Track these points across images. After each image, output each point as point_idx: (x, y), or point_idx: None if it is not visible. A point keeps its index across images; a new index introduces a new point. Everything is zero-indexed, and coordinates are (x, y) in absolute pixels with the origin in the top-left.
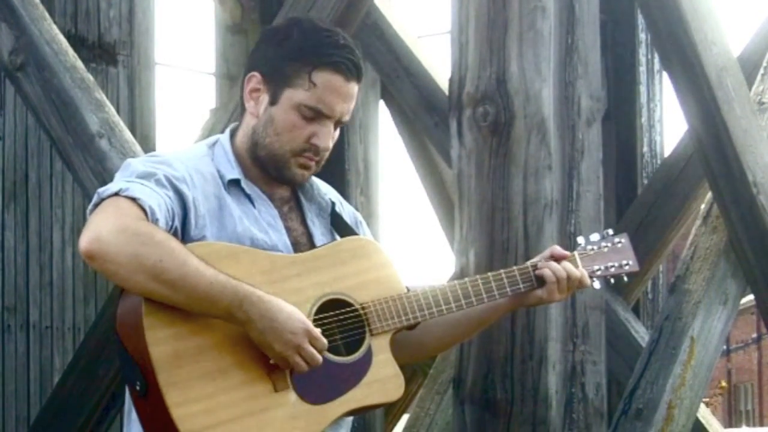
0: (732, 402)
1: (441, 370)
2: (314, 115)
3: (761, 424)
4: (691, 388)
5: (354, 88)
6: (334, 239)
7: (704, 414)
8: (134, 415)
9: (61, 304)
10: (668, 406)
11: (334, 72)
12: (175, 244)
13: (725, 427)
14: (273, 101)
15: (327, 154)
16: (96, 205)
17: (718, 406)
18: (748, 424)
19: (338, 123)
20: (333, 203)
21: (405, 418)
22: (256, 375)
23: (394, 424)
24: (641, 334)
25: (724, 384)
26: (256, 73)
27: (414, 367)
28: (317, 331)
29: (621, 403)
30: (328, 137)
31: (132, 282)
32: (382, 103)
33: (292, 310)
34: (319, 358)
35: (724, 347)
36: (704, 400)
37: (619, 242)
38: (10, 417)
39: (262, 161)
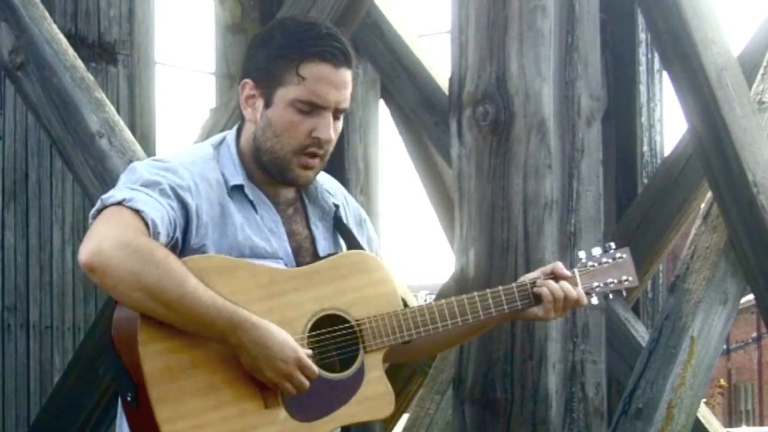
0: (732, 402)
1: (441, 370)
2: (310, 108)
3: (761, 424)
4: (691, 387)
5: (345, 74)
6: (336, 243)
7: (704, 413)
8: None
9: (61, 303)
10: (668, 406)
11: (321, 61)
12: (174, 263)
13: (725, 426)
14: (268, 104)
15: (331, 147)
16: (99, 211)
17: (717, 406)
18: (748, 424)
19: (337, 112)
20: (336, 206)
21: (405, 418)
22: (247, 392)
23: (394, 424)
24: (641, 333)
25: (723, 383)
26: (248, 80)
27: (414, 367)
28: (308, 360)
29: (621, 403)
30: (328, 128)
31: (129, 298)
32: (382, 102)
33: (285, 338)
34: (308, 384)
35: (724, 347)
36: (702, 400)
37: (621, 257)
38: (10, 416)
39: (266, 165)
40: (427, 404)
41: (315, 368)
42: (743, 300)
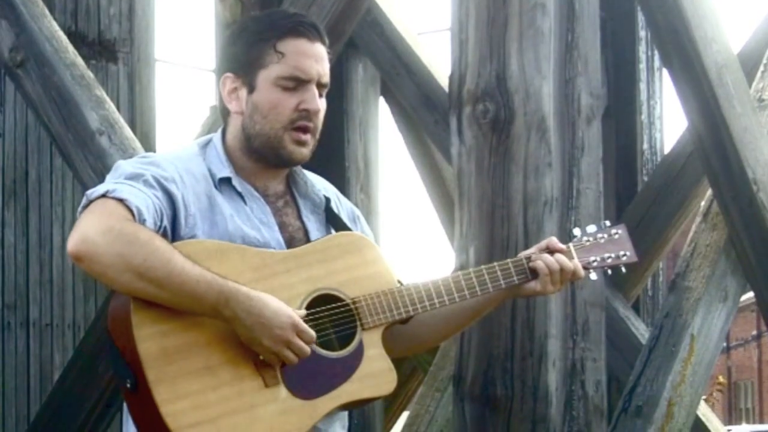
0: (732, 400)
1: (441, 367)
2: (294, 84)
3: (761, 422)
4: (691, 385)
5: (321, 48)
6: (329, 235)
7: (704, 411)
8: None
9: (61, 301)
10: (668, 404)
11: (296, 36)
12: (160, 242)
13: (725, 424)
14: (251, 90)
15: (320, 122)
16: (84, 207)
17: (716, 403)
18: (748, 422)
19: (320, 87)
20: (328, 199)
21: (405, 415)
22: (246, 371)
23: (394, 421)
24: (641, 331)
25: (722, 380)
26: (228, 74)
27: (414, 364)
28: (304, 324)
29: (621, 401)
30: (315, 100)
31: (119, 282)
32: (382, 100)
33: (278, 305)
34: (308, 349)
35: (724, 344)
36: (702, 397)
37: (617, 233)
38: (10, 414)
39: (260, 151)
40: (427, 401)
41: (312, 332)
42: (743, 298)
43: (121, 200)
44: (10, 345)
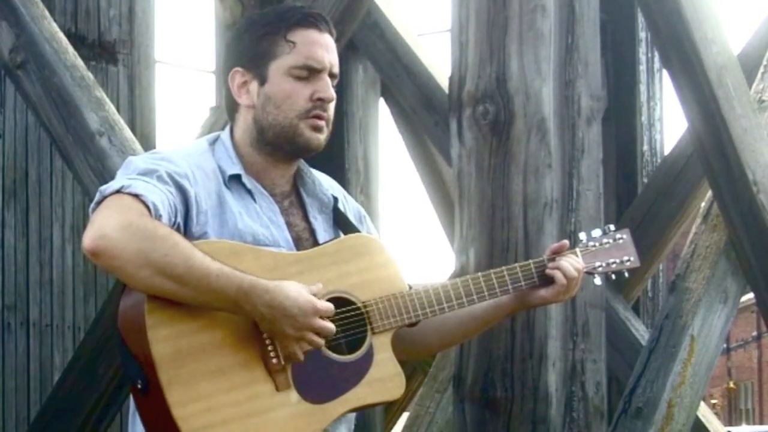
0: (732, 400)
1: (441, 368)
2: (307, 73)
3: (761, 423)
4: (691, 386)
5: (329, 39)
6: (337, 235)
7: (704, 412)
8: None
9: (61, 302)
10: (668, 405)
11: (306, 27)
12: (179, 238)
13: (725, 425)
14: (263, 82)
15: (332, 112)
16: (98, 203)
17: (721, 407)
18: (747, 423)
19: (331, 77)
20: (336, 199)
21: (405, 416)
22: (258, 375)
23: (395, 423)
24: (641, 332)
25: (732, 385)
26: (237, 69)
27: (414, 366)
28: (323, 303)
29: (621, 402)
30: (328, 89)
31: (138, 278)
32: (382, 101)
33: (297, 291)
34: (333, 328)
35: (724, 346)
36: (712, 401)
37: (621, 238)
38: (10, 415)
39: (273, 143)
40: (427, 402)
41: (330, 305)
42: (743, 299)
43: (136, 196)
44: (10, 345)
